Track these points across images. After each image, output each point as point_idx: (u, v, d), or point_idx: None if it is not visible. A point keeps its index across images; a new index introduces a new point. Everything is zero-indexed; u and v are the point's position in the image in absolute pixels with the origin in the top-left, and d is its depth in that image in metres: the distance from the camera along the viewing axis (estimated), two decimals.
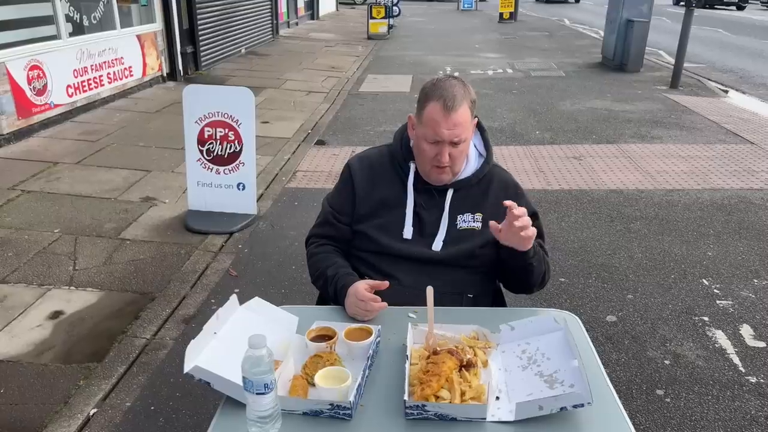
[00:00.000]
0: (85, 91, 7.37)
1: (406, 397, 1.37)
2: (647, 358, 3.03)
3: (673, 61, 10.18)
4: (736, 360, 3.01)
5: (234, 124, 4.49)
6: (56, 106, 6.83)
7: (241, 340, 1.49)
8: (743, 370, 2.93)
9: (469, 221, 1.92)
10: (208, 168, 4.59)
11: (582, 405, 1.32)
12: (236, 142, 4.52)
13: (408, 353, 1.53)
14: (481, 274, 1.95)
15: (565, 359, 1.51)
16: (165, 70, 9.52)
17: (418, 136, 1.85)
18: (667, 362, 3.00)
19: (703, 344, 3.15)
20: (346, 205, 2.00)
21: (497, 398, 1.46)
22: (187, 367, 1.41)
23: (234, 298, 1.67)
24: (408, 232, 1.92)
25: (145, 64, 8.88)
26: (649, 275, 3.87)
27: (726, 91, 9.66)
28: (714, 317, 3.39)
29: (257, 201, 4.94)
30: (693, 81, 10.20)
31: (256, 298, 1.73)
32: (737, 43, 15.63)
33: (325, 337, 1.62)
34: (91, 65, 7.50)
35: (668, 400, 2.75)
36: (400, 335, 1.68)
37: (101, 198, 4.97)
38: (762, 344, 3.14)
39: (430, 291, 1.64)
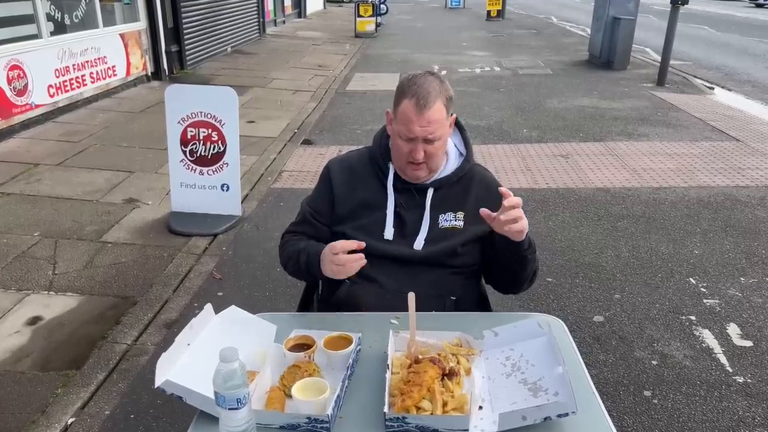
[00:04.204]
0: (67, 91, 7.26)
1: (386, 409, 1.33)
2: (635, 359, 3.01)
3: (659, 58, 10.20)
4: (724, 360, 3.00)
5: (217, 125, 4.42)
6: (37, 106, 6.72)
7: (216, 350, 1.44)
8: (730, 370, 2.92)
9: (451, 220, 1.89)
10: (192, 169, 4.53)
11: (566, 414, 1.29)
12: (220, 142, 4.46)
13: (389, 362, 1.49)
14: (464, 276, 1.91)
15: (550, 366, 1.47)
16: (150, 70, 9.41)
17: (394, 133, 1.85)
18: (654, 363, 2.98)
19: (690, 344, 3.13)
20: (324, 206, 1.97)
21: (480, 408, 1.42)
22: (158, 382, 1.37)
23: (209, 307, 1.62)
24: (389, 232, 1.89)
25: (129, 64, 8.77)
26: (636, 274, 3.85)
27: (712, 89, 9.70)
28: (701, 316, 3.38)
29: (242, 202, 4.88)
30: (679, 78, 10.23)
31: (233, 306, 1.68)
32: (723, 40, 15.72)
33: (303, 346, 1.57)
34: (73, 65, 7.38)
35: (656, 401, 2.73)
36: (382, 342, 1.64)
37: (83, 200, 4.89)
38: (749, 343, 3.13)
39: (411, 297, 1.59)
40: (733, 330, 3.25)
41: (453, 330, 1.65)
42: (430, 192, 1.90)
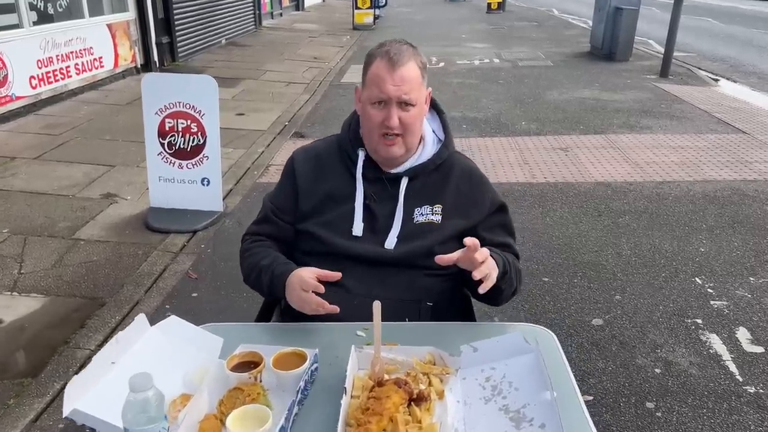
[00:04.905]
0: (50, 83, 7.02)
1: None
2: (636, 367, 2.79)
3: (662, 50, 9.93)
4: (733, 367, 2.77)
5: (196, 115, 4.19)
6: (18, 98, 6.49)
7: (150, 369, 1.23)
8: (741, 379, 2.69)
9: (428, 214, 1.67)
10: (170, 162, 4.30)
11: None
12: (199, 134, 4.23)
13: (346, 384, 1.27)
14: (441, 278, 1.68)
15: (536, 390, 1.25)
16: (139, 61, 9.17)
17: (364, 103, 1.64)
18: (657, 371, 2.75)
19: (696, 350, 2.90)
20: (287, 202, 1.76)
21: None
22: (66, 410, 1.15)
23: (142, 317, 1.41)
24: (358, 228, 1.67)
25: (117, 55, 8.53)
26: (638, 274, 3.62)
27: (716, 80, 9.44)
28: (708, 319, 3.15)
29: (225, 197, 4.68)
30: (683, 70, 9.96)
31: (172, 317, 1.47)
32: (727, 32, 15.42)
33: (250, 364, 1.35)
34: (57, 55, 7.15)
35: (659, 414, 2.50)
36: (345, 358, 1.41)
37: (58, 195, 4.66)
38: (760, 349, 2.90)
39: (377, 306, 1.37)
40: (742, 334, 3.02)
41: (426, 344, 1.43)
42: (404, 182, 1.68)
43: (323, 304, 1.50)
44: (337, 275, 1.55)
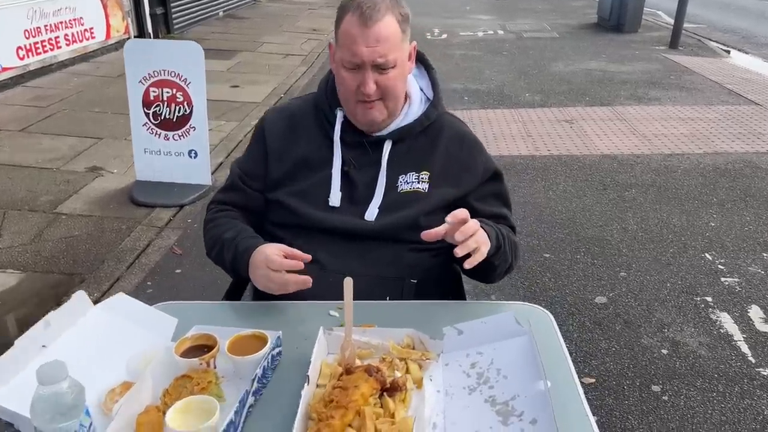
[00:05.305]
0: (38, 54, 6.80)
1: None
2: (642, 347, 2.63)
3: (672, 21, 9.62)
4: (745, 348, 2.61)
5: (182, 84, 3.99)
6: (5, 69, 6.29)
7: (90, 354, 1.09)
8: (753, 361, 2.53)
9: (413, 182, 1.50)
10: (156, 133, 4.12)
11: None
12: (185, 103, 4.04)
13: (310, 372, 1.10)
14: (428, 253, 1.50)
15: (528, 379, 1.08)
16: (132, 33, 8.90)
17: (337, 63, 1.44)
18: (664, 352, 2.60)
19: (706, 330, 2.74)
20: (257, 167, 1.58)
21: None
22: None
23: (82, 294, 1.25)
24: (335, 197, 1.49)
25: (108, 26, 8.27)
26: (644, 249, 3.45)
27: (728, 51, 9.14)
28: (718, 297, 2.98)
29: (216, 170, 4.50)
30: (693, 41, 9.66)
31: (120, 294, 1.32)
32: (739, 3, 14.99)
33: (203, 348, 1.19)
34: (45, 25, 6.91)
35: (666, 398, 2.35)
36: (314, 342, 1.25)
37: (41, 168, 4.49)
38: None
39: (348, 283, 1.20)
40: (755, 313, 2.86)
41: (407, 325, 1.26)
42: (387, 146, 1.50)
43: (292, 280, 1.33)
44: (306, 257, 1.37)
